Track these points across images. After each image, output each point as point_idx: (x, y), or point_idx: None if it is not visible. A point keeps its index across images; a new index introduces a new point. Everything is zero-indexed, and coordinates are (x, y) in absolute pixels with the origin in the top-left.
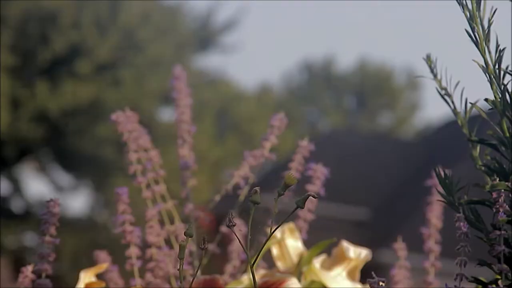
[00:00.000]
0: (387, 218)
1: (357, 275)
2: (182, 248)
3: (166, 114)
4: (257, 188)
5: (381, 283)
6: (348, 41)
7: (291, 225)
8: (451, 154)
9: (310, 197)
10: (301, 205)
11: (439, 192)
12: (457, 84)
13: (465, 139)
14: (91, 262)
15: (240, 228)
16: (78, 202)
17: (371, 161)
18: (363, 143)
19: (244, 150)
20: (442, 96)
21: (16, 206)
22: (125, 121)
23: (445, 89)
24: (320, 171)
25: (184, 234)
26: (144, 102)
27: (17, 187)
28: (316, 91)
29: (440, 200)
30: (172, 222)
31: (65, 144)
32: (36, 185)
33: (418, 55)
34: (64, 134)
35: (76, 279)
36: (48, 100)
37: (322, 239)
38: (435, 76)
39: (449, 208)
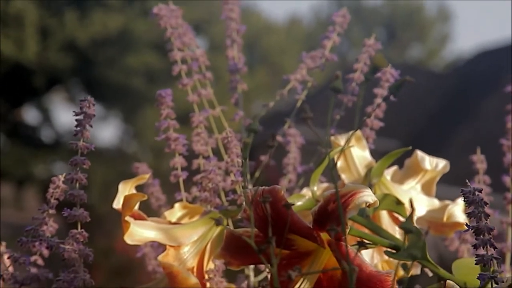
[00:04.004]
0: (418, 149)
1: (433, 189)
2: (246, 145)
3: None
4: (338, 73)
5: (477, 193)
6: None
7: (358, 132)
8: (482, 85)
9: (401, 84)
10: (394, 91)
11: None
12: None
13: None
14: None
15: (296, 139)
16: (107, 132)
17: (401, 92)
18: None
19: (273, 81)
20: None
21: (45, 136)
22: (168, 15)
23: None
24: (389, 73)
25: (248, 130)
26: None
27: (46, 117)
28: None
29: None
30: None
31: (94, 74)
32: (65, 115)
33: None
34: (93, 64)
35: (106, 209)
36: (77, 30)
37: None
38: None
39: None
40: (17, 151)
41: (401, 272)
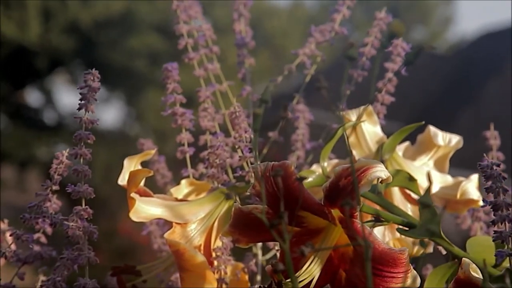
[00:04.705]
0: (421, 132)
1: (446, 165)
2: (257, 116)
3: None
4: (353, 41)
5: (495, 167)
6: None
7: (369, 108)
8: (485, 67)
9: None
10: (411, 59)
11: None
12: None
13: None
14: None
15: (305, 115)
16: (109, 114)
17: (404, 74)
18: None
19: (276, 65)
20: None
21: (48, 118)
22: None
23: None
24: (400, 46)
25: (260, 101)
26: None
27: (49, 99)
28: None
29: None
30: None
31: (97, 56)
32: (68, 97)
33: None
34: (96, 46)
35: (108, 191)
36: (80, 12)
37: None
38: None
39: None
40: (20, 133)
41: (412, 251)
